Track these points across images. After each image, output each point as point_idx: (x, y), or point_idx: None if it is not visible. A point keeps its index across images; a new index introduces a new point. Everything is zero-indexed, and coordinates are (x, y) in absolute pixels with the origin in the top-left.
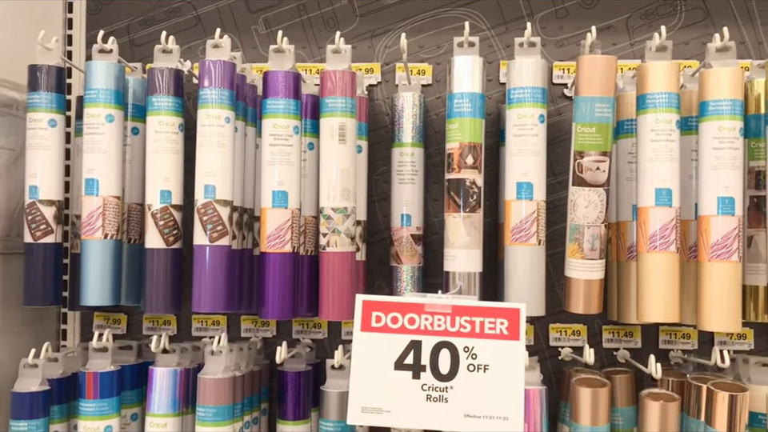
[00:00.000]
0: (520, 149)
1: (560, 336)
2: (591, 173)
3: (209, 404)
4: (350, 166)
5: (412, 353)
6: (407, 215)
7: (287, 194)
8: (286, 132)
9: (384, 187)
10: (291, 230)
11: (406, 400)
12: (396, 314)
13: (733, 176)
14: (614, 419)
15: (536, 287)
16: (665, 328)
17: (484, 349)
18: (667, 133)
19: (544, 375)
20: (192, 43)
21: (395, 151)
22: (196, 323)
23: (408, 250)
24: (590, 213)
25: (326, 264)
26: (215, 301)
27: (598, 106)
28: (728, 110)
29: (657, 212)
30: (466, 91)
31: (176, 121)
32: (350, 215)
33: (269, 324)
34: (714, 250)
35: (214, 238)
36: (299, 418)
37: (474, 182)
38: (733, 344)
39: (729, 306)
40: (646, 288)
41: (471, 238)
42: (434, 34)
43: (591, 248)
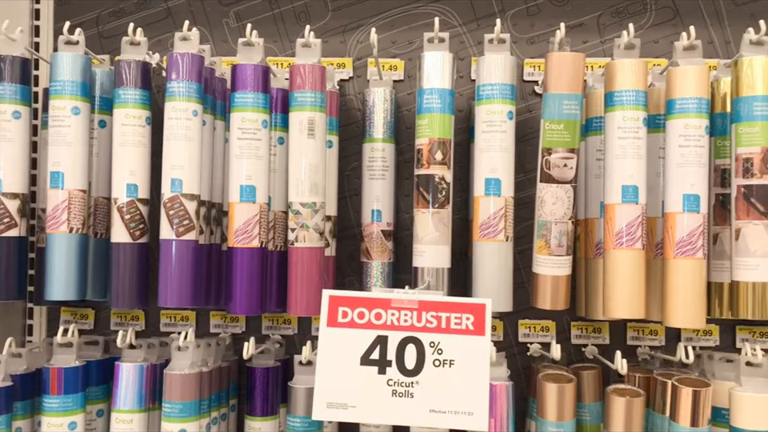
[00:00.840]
0: (489, 145)
1: (529, 332)
2: (559, 169)
3: (175, 400)
4: (319, 160)
5: (378, 348)
6: (377, 211)
7: (255, 189)
8: (254, 126)
9: (355, 183)
10: (259, 224)
11: (371, 395)
12: (362, 309)
13: (698, 173)
14: (582, 415)
15: (503, 283)
16: (632, 324)
17: (450, 344)
18: (634, 130)
19: (513, 371)
20: (162, 36)
21: (366, 146)
22: (164, 319)
23: (378, 246)
24: (558, 209)
25: (295, 259)
26: (181, 296)
27: (566, 103)
28: (694, 108)
29: (623, 209)
30: (436, 87)
31: (143, 114)
32: (318, 210)
33: (238, 320)
34: (679, 247)
35: (180, 233)
36: (267, 414)
37: (443, 177)
38: (699, 340)
39: (693, 302)
40: (612, 284)
41: (440, 233)
42: (406, 29)
43: (558, 244)
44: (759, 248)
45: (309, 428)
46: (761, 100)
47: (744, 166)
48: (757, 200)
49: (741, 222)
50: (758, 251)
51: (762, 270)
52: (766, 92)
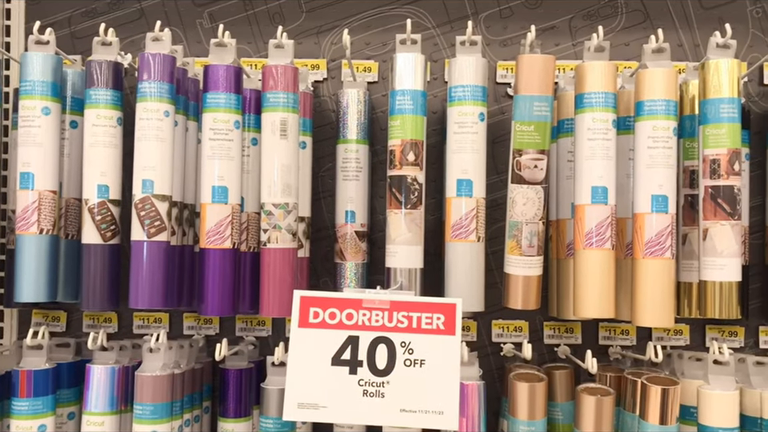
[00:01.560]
0: (460, 146)
1: (502, 332)
2: (529, 170)
3: (146, 401)
4: (291, 161)
5: (349, 348)
6: (351, 212)
7: (227, 190)
8: (226, 126)
9: (330, 184)
10: (231, 225)
11: (342, 395)
12: (334, 310)
13: (666, 174)
14: (554, 414)
15: (475, 283)
16: (604, 324)
17: (421, 343)
18: (604, 132)
19: (486, 371)
20: (135, 37)
21: (340, 147)
22: (137, 321)
23: (352, 247)
24: (528, 210)
25: (267, 260)
26: (153, 297)
27: (537, 105)
28: (662, 110)
29: (593, 209)
30: (408, 88)
31: (114, 114)
32: (291, 211)
33: (212, 321)
34: (647, 247)
35: (151, 234)
36: (240, 415)
37: (415, 178)
38: (670, 340)
39: (662, 302)
40: (582, 284)
41: (412, 234)
42: (380, 31)
43: (529, 244)
44: (726, 248)
45: (281, 429)
46: (727, 102)
47: (711, 167)
48: (723, 200)
49: (708, 223)
50: (725, 251)
51: (729, 270)
52: (731, 94)
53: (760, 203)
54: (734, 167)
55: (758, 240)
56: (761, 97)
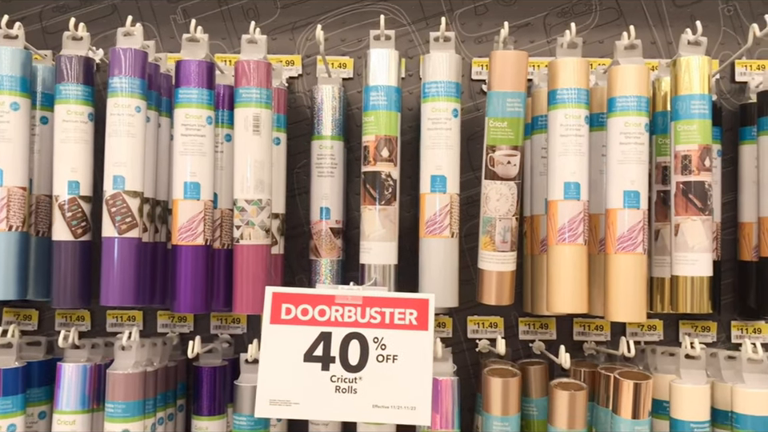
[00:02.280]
0: (434, 142)
1: (477, 328)
2: (503, 166)
3: (118, 400)
4: (264, 157)
5: (322, 344)
6: (326, 208)
7: (200, 186)
8: (198, 122)
9: (305, 181)
10: (204, 222)
11: (314, 392)
12: (306, 306)
13: (638, 170)
14: (529, 410)
15: (449, 279)
16: (579, 320)
17: (393, 339)
18: (576, 128)
19: (462, 367)
20: (108, 32)
21: (314, 144)
22: (111, 319)
23: (327, 244)
24: (502, 206)
25: (240, 257)
26: (124, 294)
27: (510, 101)
28: (634, 106)
29: (565, 205)
30: (382, 84)
31: (85, 110)
32: (264, 207)
33: (186, 319)
34: (619, 243)
35: (122, 230)
36: (214, 413)
37: (389, 174)
38: (644, 335)
39: (634, 296)
40: (555, 280)
41: (386, 230)
42: (355, 27)
43: (503, 240)
44: (697, 243)
45: (255, 426)
46: (698, 98)
47: (683, 162)
48: (695, 196)
49: (680, 218)
50: (696, 246)
51: (700, 265)
52: (702, 91)
53: (732, 200)
54: (704, 163)
55: (730, 236)
56: (732, 94)
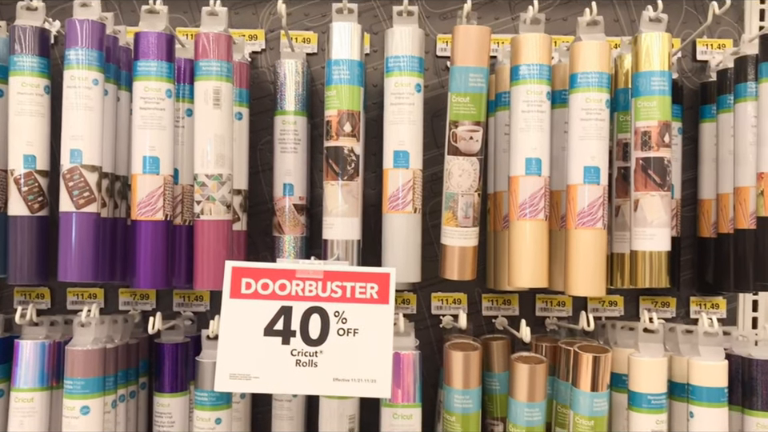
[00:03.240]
0: (397, 117)
1: (441, 304)
2: (465, 142)
3: (77, 376)
4: (225, 131)
5: (282, 319)
6: (290, 185)
7: (159, 160)
8: (157, 95)
9: (269, 157)
10: (163, 197)
11: (274, 366)
12: (267, 281)
13: (598, 146)
14: (491, 384)
15: (412, 254)
16: (541, 296)
17: (354, 313)
18: (538, 104)
19: (426, 343)
20: (66, 4)
21: (277, 119)
22: (71, 297)
23: (291, 220)
24: (464, 181)
25: (201, 232)
26: (82, 270)
27: (472, 76)
28: (595, 82)
29: (526, 181)
30: (344, 58)
31: (41, 82)
32: (225, 182)
33: (148, 297)
34: (580, 218)
35: (80, 205)
36: (177, 390)
37: (352, 149)
38: (605, 311)
39: (594, 271)
40: (516, 254)
41: (349, 206)
42: (319, 2)
43: (465, 216)
44: (656, 218)
45: (217, 402)
46: (658, 75)
47: (642, 139)
48: (654, 172)
49: (639, 194)
50: (655, 221)
51: (659, 240)
52: (662, 67)
53: (692, 177)
54: (664, 139)
55: (689, 213)
56: (694, 72)
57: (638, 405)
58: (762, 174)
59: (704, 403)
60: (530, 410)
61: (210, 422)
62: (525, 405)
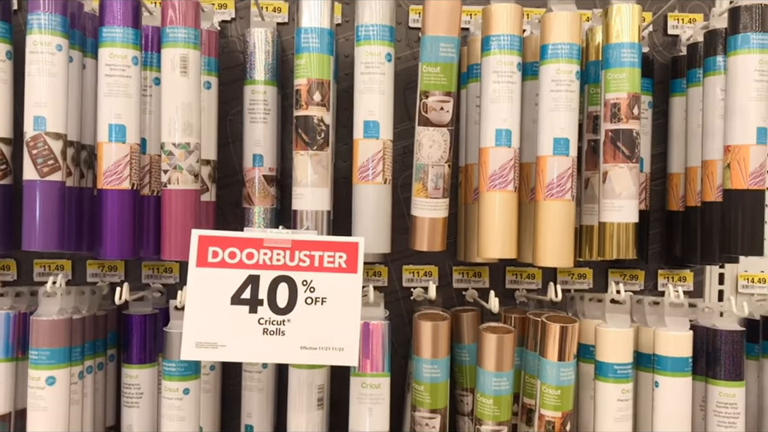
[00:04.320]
0: (367, 87)
1: (412, 277)
2: (436, 113)
3: (42, 346)
4: (192, 99)
5: (249, 287)
6: (259, 155)
7: (125, 128)
8: (123, 62)
9: (239, 128)
10: (130, 165)
11: (242, 334)
12: (234, 249)
13: (568, 117)
14: (461, 356)
15: (381, 225)
16: (511, 268)
17: (322, 282)
18: (508, 74)
19: (397, 315)
20: None
21: (247, 89)
22: (38, 268)
23: (260, 192)
24: (434, 152)
25: (168, 201)
26: (47, 239)
27: (443, 46)
28: (565, 53)
29: (497, 152)
30: (314, 26)
31: (2, 47)
32: (193, 151)
33: (116, 268)
34: (548, 189)
35: (44, 173)
36: (145, 361)
37: (321, 119)
38: (574, 283)
39: (562, 242)
40: (485, 225)
41: (319, 176)
42: None
43: (435, 187)
44: (624, 190)
45: (185, 373)
46: (628, 47)
47: (612, 111)
48: (623, 144)
49: (608, 166)
50: (623, 193)
51: (627, 211)
52: (632, 39)
53: (662, 151)
54: (633, 111)
55: (659, 186)
56: (665, 47)
57: (604, 374)
58: (728, 146)
59: (668, 373)
60: (498, 380)
61: (178, 392)
62: (493, 374)
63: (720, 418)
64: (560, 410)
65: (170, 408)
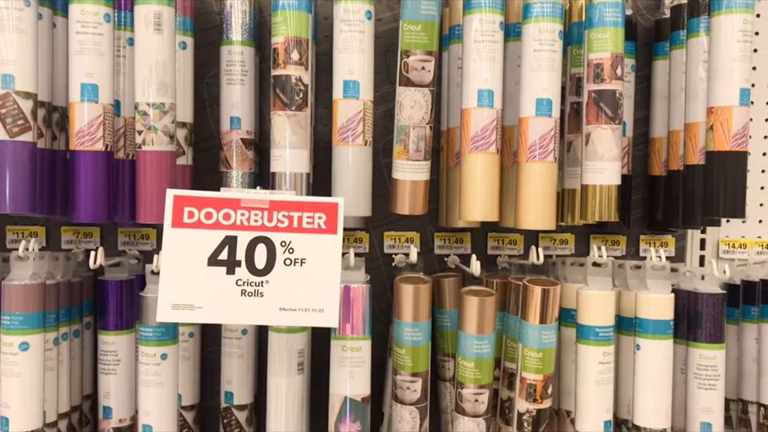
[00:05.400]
0: (346, 45)
1: (394, 243)
2: (417, 72)
3: (15, 311)
4: (167, 58)
5: (227, 248)
6: (237, 118)
7: (98, 88)
8: (95, 19)
9: (216, 91)
10: (103, 126)
11: (219, 296)
12: (210, 210)
13: (550, 78)
14: (442, 321)
15: (362, 188)
16: (493, 234)
17: (301, 243)
18: (491, 34)
19: (379, 282)
20: None
21: (223, 50)
22: (11, 235)
23: (238, 155)
24: (416, 113)
25: (143, 163)
26: (17, 201)
27: (424, 4)
28: (548, 12)
29: (479, 113)
30: None
31: None
32: (168, 112)
33: (92, 235)
34: (531, 151)
35: (14, 133)
36: (121, 328)
37: (300, 78)
38: (555, 249)
39: (544, 204)
40: (467, 188)
41: (297, 137)
42: None
43: (416, 149)
44: (607, 152)
45: (162, 337)
46: (611, 6)
47: (595, 71)
48: (606, 105)
49: (591, 127)
50: (606, 155)
51: (609, 173)
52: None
53: (645, 116)
54: (616, 71)
55: (641, 152)
56: (648, 10)
57: (585, 337)
58: (712, 108)
59: (650, 335)
60: (479, 343)
61: (156, 357)
62: (474, 337)
63: (701, 380)
64: (541, 373)
65: (147, 374)
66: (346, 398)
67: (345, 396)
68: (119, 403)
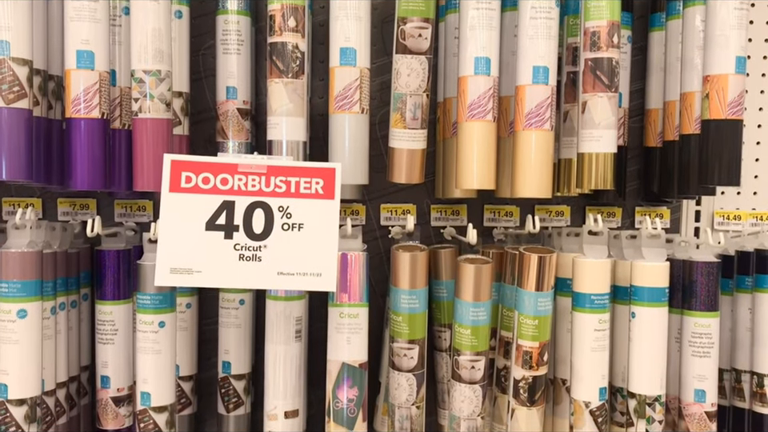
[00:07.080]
0: (343, 12)
1: (390, 215)
2: (414, 39)
3: (13, 278)
4: (163, 25)
5: (225, 213)
6: (233, 88)
7: (93, 55)
8: None
9: (212, 62)
10: (99, 93)
11: (217, 260)
12: (208, 175)
13: (547, 45)
14: (439, 292)
15: (359, 156)
16: (489, 206)
17: (299, 208)
18: (488, 1)
19: (375, 254)
20: None
21: (219, 19)
22: (7, 207)
23: (235, 125)
24: (412, 81)
25: (139, 130)
26: (13, 168)
27: None
28: None
29: (475, 80)
30: None
31: None
32: (164, 79)
33: (88, 207)
34: (527, 119)
35: (10, 100)
36: (119, 297)
37: (296, 46)
38: (551, 221)
39: (540, 172)
40: (463, 156)
41: (294, 105)
42: None
43: (413, 117)
44: (603, 120)
45: (160, 305)
46: None
47: (591, 39)
48: (602, 73)
49: (587, 95)
50: (602, 123)
51: (605, 141)
52: None
53: (640, 88)
54: (612, 39)
55: (637, 123)
56: None
57: (581, 305)
58: (707, 77)
59: (645, 303)
60: (476, 310)
61: (153, 324)
62: (470, 305)
63: (695, 348)
64: (537, 340)
65: (145, 341)
66: (344, 363)
67: (342, 362)
68: (117, 372)
